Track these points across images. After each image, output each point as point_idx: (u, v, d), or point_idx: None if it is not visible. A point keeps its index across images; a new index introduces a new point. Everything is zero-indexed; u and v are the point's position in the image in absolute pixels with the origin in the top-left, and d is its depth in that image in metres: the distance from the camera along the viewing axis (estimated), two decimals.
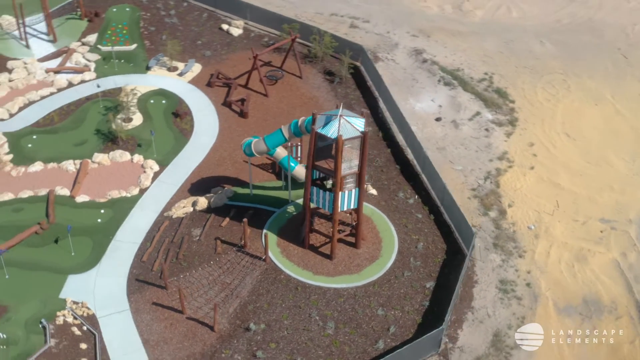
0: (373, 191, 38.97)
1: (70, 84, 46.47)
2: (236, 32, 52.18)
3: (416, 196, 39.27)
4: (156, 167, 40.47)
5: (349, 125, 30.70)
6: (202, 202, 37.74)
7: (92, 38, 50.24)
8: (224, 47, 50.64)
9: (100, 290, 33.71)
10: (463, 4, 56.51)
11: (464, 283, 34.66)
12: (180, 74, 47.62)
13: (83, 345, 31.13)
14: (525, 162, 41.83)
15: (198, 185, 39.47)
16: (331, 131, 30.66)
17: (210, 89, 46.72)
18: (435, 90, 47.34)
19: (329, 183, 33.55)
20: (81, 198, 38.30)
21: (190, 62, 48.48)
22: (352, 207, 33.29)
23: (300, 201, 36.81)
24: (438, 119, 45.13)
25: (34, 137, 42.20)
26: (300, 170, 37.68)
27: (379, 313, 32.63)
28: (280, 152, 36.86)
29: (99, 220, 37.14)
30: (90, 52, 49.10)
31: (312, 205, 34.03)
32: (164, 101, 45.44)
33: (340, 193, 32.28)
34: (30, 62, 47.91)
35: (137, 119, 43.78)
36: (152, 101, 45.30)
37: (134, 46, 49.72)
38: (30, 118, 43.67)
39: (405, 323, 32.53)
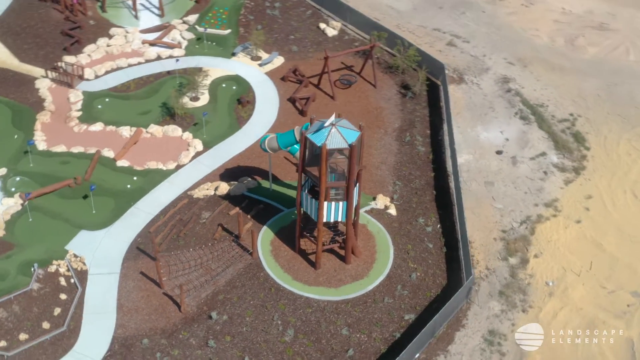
0: (392, 211, 37.75)
1: (159, 57, 49.22)
2: (331, 32, 52.43)
3: (438, 226, 37.53)
4: (200, 147, 41.92)
5: (338, 135, 30.04)
6: (223, 187, 38.62)
7: (193, 18, 52.80)
8: (314, 45, 51.07)
9: (102, 250, 35.66)
10: (577, 38, 52.59)
11: (448, 324, 32.73)
12: (261, 64, 48.71)
13: (63, 296, 33.17)
14: (574, 214, 38.45)
15: (231, 172, 40.38)
16: (319, 138, 30.15)
17: (283, 83, 47.42)
18: (508, 123, 44.69)
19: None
20: (122, 163, 40.63)
21: (273, 54, 49.45)
22: (339, 219, 32.54)
23: None
24: (499, 152, 42.64)
25: (107, 99, 45.27)
26: None
27: (342, 332, 31.71)
28: None
29: (129, 186, 39.20)
30: (187, 31, 51.61)
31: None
32: (234, 87, 46.82)
33: (326, 203, 31.66)
34: (132, 31, 51.30)
35: (204, 100, 45.53)
36: (224, 85, 46.84)
37: (228, 31, 51.57)
38: (111, 82, 46.82)
39: (368, 349, 31.34)
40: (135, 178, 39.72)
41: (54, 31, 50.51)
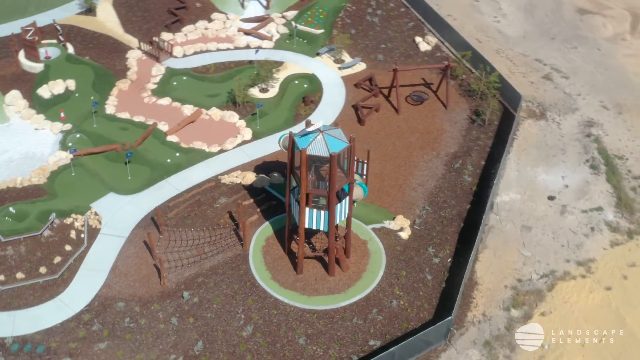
0: (403, 234, 36.29)
1: (247, 46, 50.67)
2: (424, 47, 51.14)
3: (449, 259, 35.55)
4: (248, 137, 42.76)
5: (323, 143, 29.43)
6: (249, 178, 39.16)
7: (292, 14, 53.71)
8: (401, 57, 50.05)
9: (121, 214, 37.56)
10: None
11: None
12: (340, 68, 48.63)
13: (68, 247, 35.40)
14: (607, 279, 34.80)
15: (267, 165, 40.83)
16: (303, 142, 29.72)
17: (355, 89, 47.04)
18: (575, 169, 41.21)
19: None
20: (171, 138, 42.42)
21: (355, 60, 49.17)
22: (321, 228, 31.85)
23: None
24: (551, 198, 39.49)
25: (184, 78, 47.40)
26: None
27: (299, 341, 31.09)
28: None
29: (169, 160, 40.88)
30: (283, 26, 52.63)
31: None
32: (306, 85, 47.17)
33: (307, 209, 31.15)
34: (233, 18, 53.22)
35: (272, 92, 46.33)
36: (296, 82, 47.34)
37: (320, 31, 51.90)
38: (194, 62, 48.96)
39: None
40: (177, 154, 41.30)
41: (162, 8, 53.63)
